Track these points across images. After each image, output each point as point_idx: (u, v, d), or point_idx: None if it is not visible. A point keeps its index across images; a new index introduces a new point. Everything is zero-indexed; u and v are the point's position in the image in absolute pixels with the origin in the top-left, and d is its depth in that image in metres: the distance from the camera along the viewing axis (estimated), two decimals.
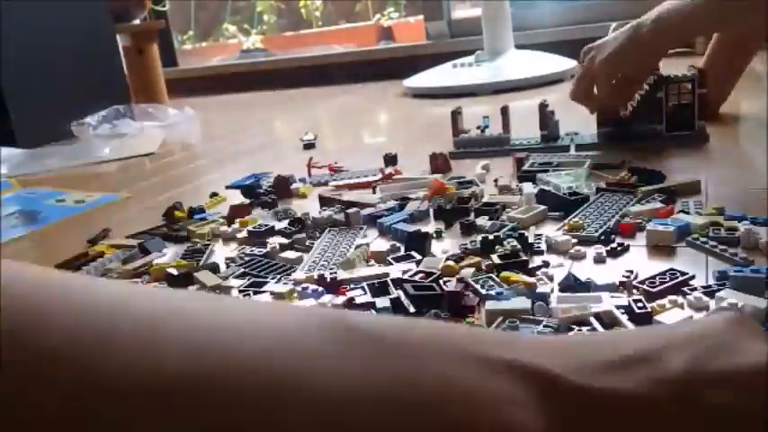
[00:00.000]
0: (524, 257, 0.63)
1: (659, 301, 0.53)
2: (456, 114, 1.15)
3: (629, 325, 0.49)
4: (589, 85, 1.02)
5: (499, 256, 0.64)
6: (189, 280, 0.71)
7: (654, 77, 1.01)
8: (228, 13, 3.31)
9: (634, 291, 0.56)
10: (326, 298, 0.61)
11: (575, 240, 0.67)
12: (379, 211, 0.84)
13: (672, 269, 0.57)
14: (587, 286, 0.56)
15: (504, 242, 0.67)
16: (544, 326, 0.51)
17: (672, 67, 1.05)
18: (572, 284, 0.57)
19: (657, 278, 0.56)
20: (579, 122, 1.12)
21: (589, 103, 1.04)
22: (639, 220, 0.70)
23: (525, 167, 0.94)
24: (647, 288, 0.55)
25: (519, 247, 0.66)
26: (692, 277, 0.56)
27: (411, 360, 0.21)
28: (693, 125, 1.01)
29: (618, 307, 0.51)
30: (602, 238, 0.67)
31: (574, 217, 0.73)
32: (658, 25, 0.93)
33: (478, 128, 1.14)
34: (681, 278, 0.56)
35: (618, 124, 1.06)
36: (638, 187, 0.79)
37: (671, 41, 0.99)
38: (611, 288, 0.56)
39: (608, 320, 0.50)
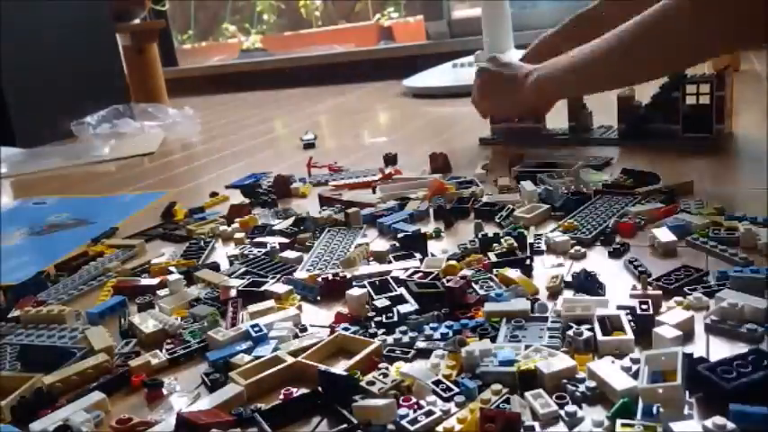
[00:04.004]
0: (521, 255, 0.64)
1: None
2: None
3: (629, 329, 0.49)
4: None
5: (496, 254, 0.65)
6: (189, 278, 0.71)
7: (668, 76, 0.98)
8: (228, 13, 3.31)
9: (648, 287, 0.55)
10: None
11: (573, 241, 0.67)
12: (379, 211, 0.84)
13: (686, 266, 0.58)
14: (598, 283, 0.56)
15: (502, 240, 0.68)
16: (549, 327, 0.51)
17: None
18: (583, 282, 0.57)
19: (673, 275, 0.56)
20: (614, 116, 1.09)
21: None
22: (638, 220, 0.70)
23: (517, 168, 0.94)
24: (663, 285, 0.55)
25: (516, 245, 0.66)
26: (707, 273, 0.56)
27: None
28: (711, 128, 0.96)
29: (619, 307, 0.51)
30: (600, 238, 0.68)
31: (571, 218, 0.73)
32: (555, 82, 0.94)
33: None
34: (696, 274, 0.56)
35: (636, 122, 1.04)
36: (635, 189, 0.79)
37: (563, 96, 1.08)
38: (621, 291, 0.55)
39: (610, 323, 0.50)
